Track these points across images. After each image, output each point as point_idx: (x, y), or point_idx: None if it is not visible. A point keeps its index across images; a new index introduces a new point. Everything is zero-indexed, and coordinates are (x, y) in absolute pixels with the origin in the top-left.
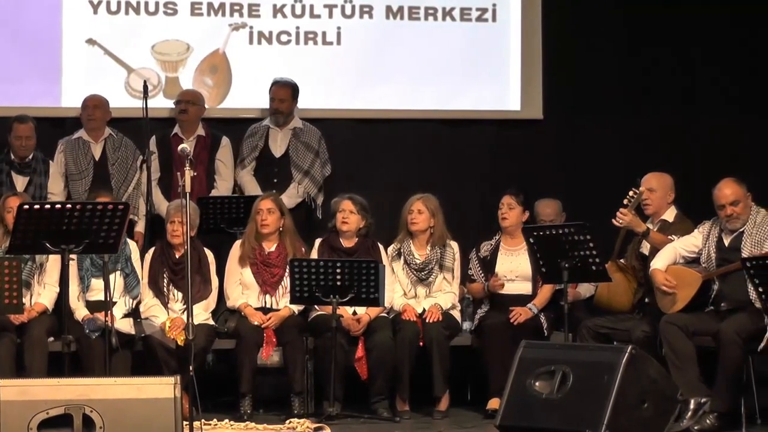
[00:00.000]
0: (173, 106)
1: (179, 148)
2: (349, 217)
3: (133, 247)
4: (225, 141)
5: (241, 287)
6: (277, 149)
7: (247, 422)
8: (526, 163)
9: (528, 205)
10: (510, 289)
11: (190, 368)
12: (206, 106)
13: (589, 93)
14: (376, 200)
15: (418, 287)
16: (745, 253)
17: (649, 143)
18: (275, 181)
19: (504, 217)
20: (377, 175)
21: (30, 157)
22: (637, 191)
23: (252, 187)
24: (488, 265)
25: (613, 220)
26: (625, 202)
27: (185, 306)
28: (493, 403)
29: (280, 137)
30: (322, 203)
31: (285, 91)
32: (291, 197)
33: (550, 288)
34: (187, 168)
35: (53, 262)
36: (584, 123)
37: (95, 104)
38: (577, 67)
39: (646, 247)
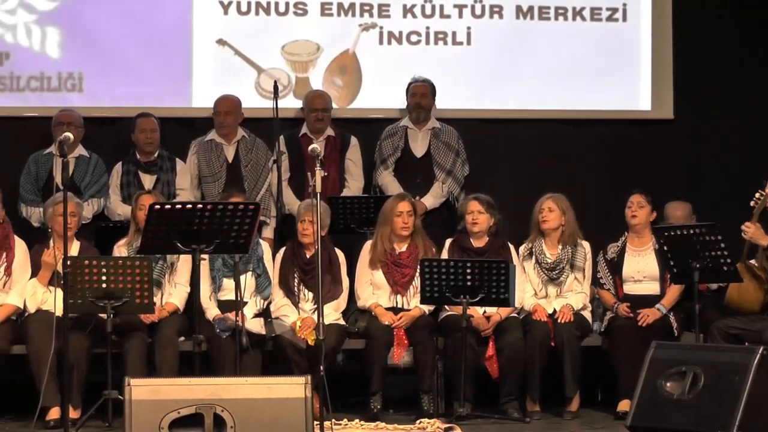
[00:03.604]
0: (302, 107)
1: (309, 148)
2: (478, 217)
3: (265, 248)
4: (354, 141)
5: (372, 287)
6: (418, 149)
7: (377, 422)
8: (656, 164)
9: (656, 206)
10: (638, 289)
11: (321, 368)
12: (336, 106)
13: (721, 93)
14: (504, 200)
15: (549, 287)
16: None
17: None
18: (418, 181)
19: (633, 215)
20: (506, 175)
21: (156, 155)
22: (764, 193)
23: (394, 188)
24: (615, 266)
25: (742, 234)
26: (752, 204)
27: (316, 306)
28: (624, 405)
29: (420, 137)
30: None
31: (425, 87)
32: (436, 197)
33: (679, 288)
34: (318, 168)
35: (184, 261)
36: (715, 123)
37: (227, 110)
38: (709, 66)
39: None
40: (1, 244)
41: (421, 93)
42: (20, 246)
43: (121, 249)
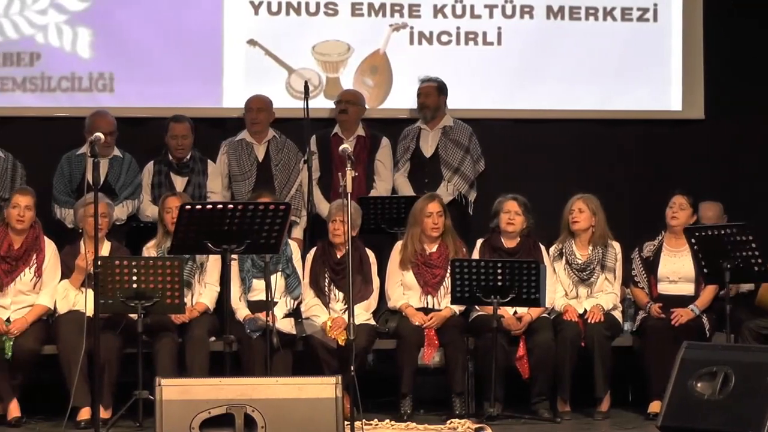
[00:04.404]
0: (334, 106)
1: (340, 148)
2: (515, 218)
3: (294, 248)
4: (385, 142)
5: (402, 288)
6: (428, 149)
7: (408, 422)
8: (687, 164)
9: (695, 208)
10: (672, 290)
11: (351, 368)
12: (367, 107)
13: (751, 93)
14: (534, 200)
15: (580, 287)
16: None
17: None
18: (426, 181)
19: (674, 215)
20: (536, 175)
21: (188, 157)
22: None
23: (406, 189)
24: (651, 265)
25: None
26: None
27: (346, 306)
28: (654, 407)
29: (431, 137)
30: (475, 200)
31: (430, 87)
32: (442, 196)
33: (713, 289)
34: (349, 168)
35: (213, 261)
36: (746, 123)
37: (259, 107)
38: (740, 66)
39: None
40: (32, 245)
41: (425, 93)
42: (50, 247)
43: (149, 251)
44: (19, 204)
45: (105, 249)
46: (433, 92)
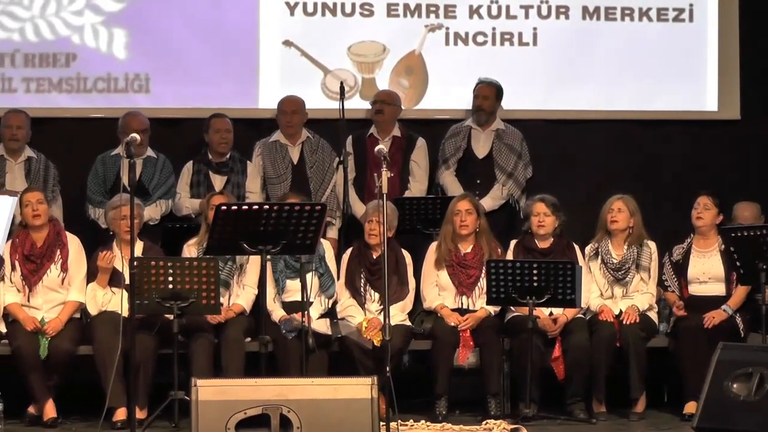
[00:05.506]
0: (370, 107)
1: (376, 149)
2: (544, 219)
3: (326, 246)
4: (420, 142)
5: (438, 288)
6: (480, 150)
7: (443, 423)
8: (723, 165)
9: (723, 208)
10: (703, 290)
11: (387, 369)
12: (402, 107)
13: None
14: (571, 200)
15: (615, 287)
16: None
17: None
18: (478, 182)
19: (699, 216)
20: (572, 176)
21: (227, 156)
22: None
23: (455, 188)
24: (680, 268)
25: None
26: None
27: (382, 306)
28: (690, 407)
29: (483, 138)
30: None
31: (489, 90)
32: (495, 199)
33: (745, 289)
34: (384, 169)
35: (253, 263)
36: None
37: (293, 110)
38: None
39: None
40: (54, 241)
41: (483, 95)
42: (73, 241)
43: (191, 248)
44: (30, 201)
45: (137, 249)
46: (492, 96)
